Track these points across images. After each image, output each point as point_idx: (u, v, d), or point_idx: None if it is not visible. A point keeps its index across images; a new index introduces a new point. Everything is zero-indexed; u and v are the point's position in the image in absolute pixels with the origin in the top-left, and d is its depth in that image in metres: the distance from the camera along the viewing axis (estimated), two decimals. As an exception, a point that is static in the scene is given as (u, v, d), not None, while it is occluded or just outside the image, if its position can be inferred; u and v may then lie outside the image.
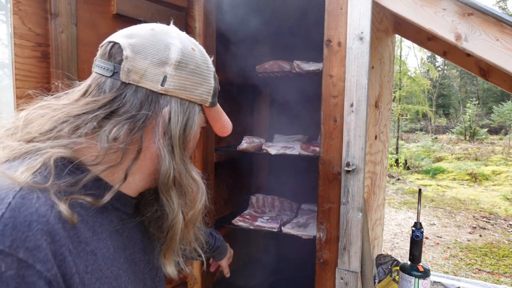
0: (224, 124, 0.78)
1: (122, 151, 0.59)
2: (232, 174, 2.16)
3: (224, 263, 1.35)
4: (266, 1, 1.92)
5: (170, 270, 0.66)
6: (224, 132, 0.78)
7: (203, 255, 0.80)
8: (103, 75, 0.61)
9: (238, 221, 1.87)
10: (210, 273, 1.83)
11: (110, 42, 0.62)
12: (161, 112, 0.61)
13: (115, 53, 0.61)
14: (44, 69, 1.08)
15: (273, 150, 1.79)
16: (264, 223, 1.84)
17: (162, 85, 0.60)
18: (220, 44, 1.78)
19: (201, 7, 1.61)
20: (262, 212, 2.07)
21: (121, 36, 0.62)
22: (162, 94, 0.61)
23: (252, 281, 2.11)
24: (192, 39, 0.69)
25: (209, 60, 0.69)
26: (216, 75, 0.71)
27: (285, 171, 2.32)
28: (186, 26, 1.58)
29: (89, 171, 0.58)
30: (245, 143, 1.87)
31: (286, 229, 1.76)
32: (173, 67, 0.61)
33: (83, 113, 0.58)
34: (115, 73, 0.60)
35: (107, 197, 0.58)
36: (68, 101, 0.61)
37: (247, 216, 1.93)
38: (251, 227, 1.83)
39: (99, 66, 0.61)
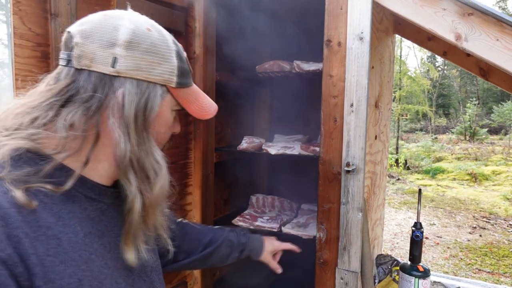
0: (203, 106, 0.73)
1: (82, 138, 0.59)
2: (232, 174, 2.16)
3: (267, 258, 1.26)
4: (266, 1, 1.92)
5: (129, 256, 0.65)
6: (204, 115, 0.74)
7: (171, 245, 0.78)
8: (62, 65, 0.62)
9: (238, 221, 1.87)
10: (210, 273, 1.83)
11: (65, 32, 0.63)
12: (115, 95, 0.60)
13: (67, 42, 0.61)
14: (44, 69, 1.08)
15: (273, 150, 1.79)
16: (264, 223, 1.84)
17: (113, 66, 0.59)
18: (220, 44, 1.78)
19: (201, 7, 1.61)
20: (262, 212, 2.07)
21: (75, 25, 0.63)
22: (115, 76, 0.60)
23: (252, 281, 2.11)
24: (151, 21, 0.67)
25: (170, 39, 0.66)
26: (182, 55, 0.68)
27: (285, 171, 2.32)
28: (186, 26, 1.58)
29: (52, 159, 0.58)
30: (245, 143, 1.87)
31: (286, 229, 1.76)
32: (123, 47, 0.59)
33: (40, 103, 0.59)
34: (69, 61, 0.60)
35: (70, 183, 0.58)
36: (33, 95, 0.62)
37: (247, 216, 1.93)
38: (251, 227, 1.83)
39: (60, 57, 0.63)
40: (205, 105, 0.74)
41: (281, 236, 1.84)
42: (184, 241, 1.04)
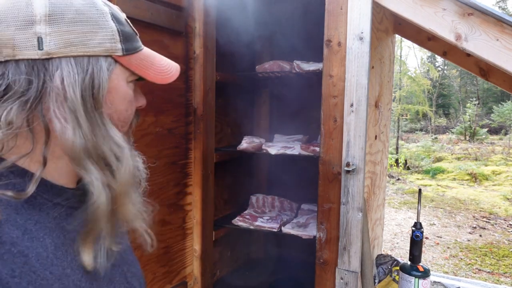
0: (162, 69, 0.65)
1: (30, 135, 0.53)
2: (232, 174, 2.16)
3: None
4: (266, 1, 1.92)
5: (86, 258, 0.56)
6: (166, 78, 0.66)
7: (150, 238, 0.67)
8: None
9: (238, 221, 1.87)
10: (210, 273, 1.83)
11: None
12: (52, 80, 0.52)
13: None
14: None
15: (273, 150, 1.79)
16: (264, 223, 1.84)
17: (40, 48, 0.51)
18: (220, 44, 1.78)
19: (201, 7, 1.61)
20: (262, 212, 2.06)
21: None
22: (47, 59, 0.52)
23: (252, 281, 2.11)
24: None
25: (98, 1, 0.57)
26: (119, 16, 0.60)
27: (285, 171, 2.32)
28: (186, 26, 1.58)
29: (3, 160, 0.53)
30: (245, 143, 1.87)
31: (286, 229, 1.76)
32: (44, 23, 0.51)
33: None
34: None
35: (31, 187, 0.52)
36: None
37: (247, 216, 1.93)
38: (251, 227, 1.83)
39: None
40: (164, 68, 0.66)
41: (281, 236, 1.85)
42: None
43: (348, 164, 1.30)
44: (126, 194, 0.58)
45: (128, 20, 0.62)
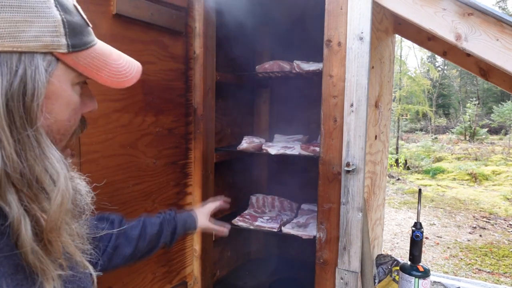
0: (118, 70, 0.53)
1: None
2: (232, 174, 2.16)
3: (205, 225, 1.21)
4: (266, 1, 1.91)
5: None
6: (121, 83, 0.54)
7: (92, 270, 0.55)
8: None
9: (238, 221, 1.86)
10: (210, 273, 1.83)
11: None
12: None
13: None
14: None
15: (273, 150, 1.79)
16: (264, 223, 1.84)
17: None
18: (220, 44, 1.78)
19: (201, 7, 1.61)
20: (262, 212, 2.06)
21: None
22: None
23: (252, 281, 2.11)
24: None
25: None
26: (66, 4, 0.47)
27: (285, 171, 2.32)
28: (186, 26, 1.58)
29: None
30: (245, 143, 1.87)
31: (286, 229, 1.76)
32: None
33: None
34: None
35: None
36: None
37: (247, 216, 1.93)
38: (251, 227, 1.82)
39: None
40: (121, 68, 0.53)
41: (281, 236, 1.85)
42: (118, 247, 0.93)
43: (348, 164, 1.30)
44: (61, 225, 0.47)
45: (79, 7, 0.50)
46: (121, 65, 0.54)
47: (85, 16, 0.51)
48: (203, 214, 1.24)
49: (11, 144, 0.42)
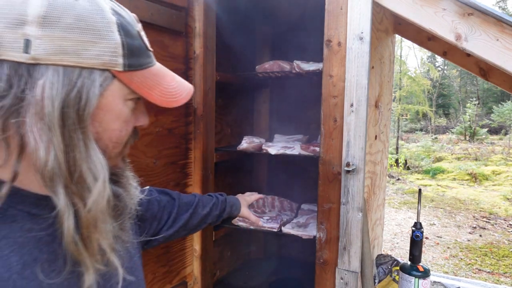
0: (169, 91, 0.59)
1: (5, 145, 0.49)
2: (232, 174, 2.16)
3: (245, 213, 1.27)
4: (266, 1, 1.92)
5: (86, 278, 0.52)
6: (172, 102, 0.60)
7: (121, 269, 0.59)
8: None
9: (238, 221, 1.86)
10: (210, 273, 1.83)
11: None
12: (33, 89, 0.46)
13: None
14: None
15: (273, 150, 1.79)
16: (264, 223, 1.84)
17: (26, 52, 0.45)
18: (220, 44, 1.78)
19: (201, 7, 1.61)
20: (262, 212, 2.06)
21: None
22: (33, 64, 0.46)
23: (252, 281, 2.11)
24: None
25: (106, 9, 0.51)
26: (129, 28, 0.53)
27: (285, 171, 2.32)
28: (186, 26, 1.58)
29: None
30: (245, 143, 1.87)
31: (286, 229, 1.76)
32: (36, 25, 0.45)
33: None
34: None
35: (1, 195, 0.48)
36: None
37: (247, 216, 1.93)
38: (251, 227, 1.82)
39: None
40: (172, 90, 0.59)
41: (281, 236, 1.84)
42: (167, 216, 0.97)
43: (348, 164, 1.30)
44: (95, 223, 0.52)
45: (142, 34, 0.57)
46: (172, 87, 0.60)
47: (147, 42, 0.58)
48: (246, 201, 1.31)
49: (61, 144, 0.48)
